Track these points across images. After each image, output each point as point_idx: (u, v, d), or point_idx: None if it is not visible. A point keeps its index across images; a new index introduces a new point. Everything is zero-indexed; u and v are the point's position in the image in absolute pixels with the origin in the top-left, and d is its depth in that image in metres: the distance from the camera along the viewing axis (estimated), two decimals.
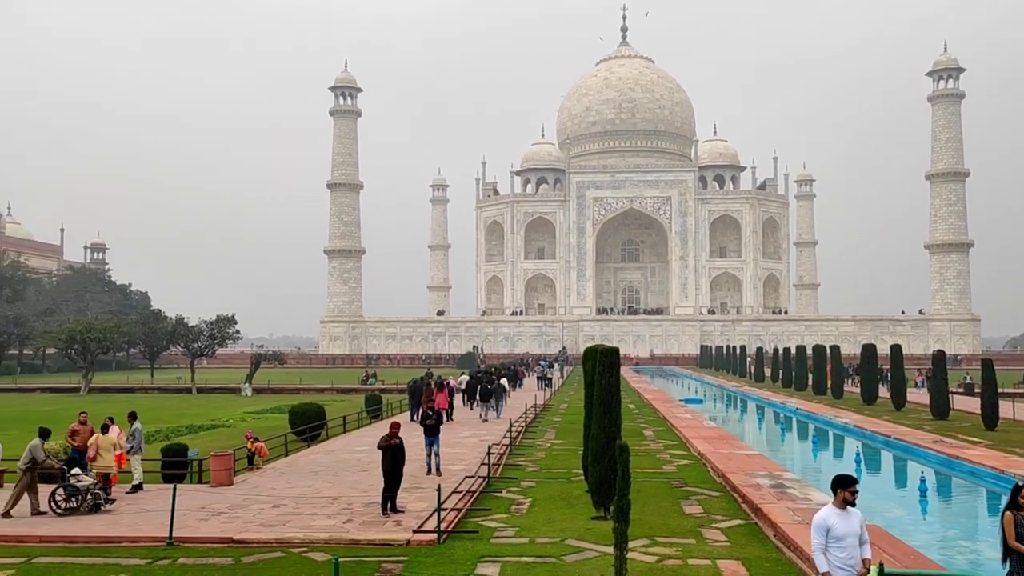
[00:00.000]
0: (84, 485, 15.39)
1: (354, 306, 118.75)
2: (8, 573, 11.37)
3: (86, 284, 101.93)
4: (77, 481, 15.40)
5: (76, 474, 15.56)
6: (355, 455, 22.70)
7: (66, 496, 15.27)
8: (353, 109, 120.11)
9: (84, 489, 15.32)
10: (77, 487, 15.30)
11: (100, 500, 15.48)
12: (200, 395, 52.97)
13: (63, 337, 59.18)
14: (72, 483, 15.34)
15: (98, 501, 15.41)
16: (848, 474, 8.16)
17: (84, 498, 15.29)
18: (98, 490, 15.56)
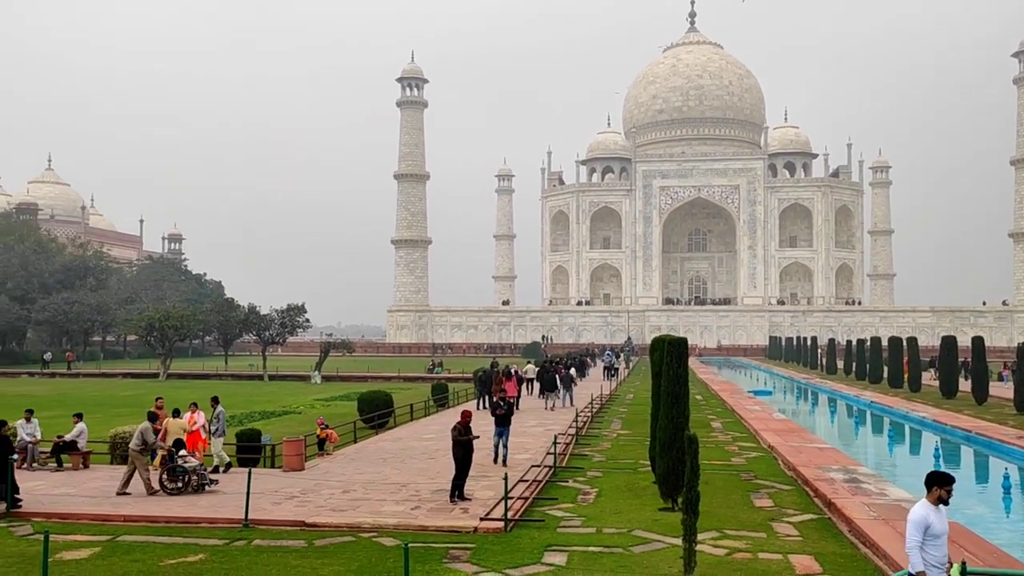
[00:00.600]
0: (191, 466, 15.99)
1: (420, 295, 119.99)
2: (95, 550, 11.85)
3: (164, 273, 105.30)
4: (184, 462, 15.96)
5: (183, 456, 16.17)
6: (422, 443, 22.97)
7: (173, 477, 15.85)
8: (419, 100, 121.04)
9: (191, 470, 15.91)
10: (184, 468, 15.87)
11: (205, 481, 16.05)
12: (271, 382, 54.28)
13: (143, 324, 61.26)
14: (180, 464, 15.90)
15: (203, 481, 15.96)
16: (945, 472, 7.91)
17: (189, 479, 15.84)
18: (203, 470, 16.09)
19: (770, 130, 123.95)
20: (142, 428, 16.34)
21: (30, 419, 19.45)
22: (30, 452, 18.98)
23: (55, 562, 10.60)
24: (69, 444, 19.02)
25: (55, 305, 77.48)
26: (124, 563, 11.12)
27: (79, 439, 19.10)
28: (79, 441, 19.10)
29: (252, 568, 10.87)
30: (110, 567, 10.93)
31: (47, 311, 77.44)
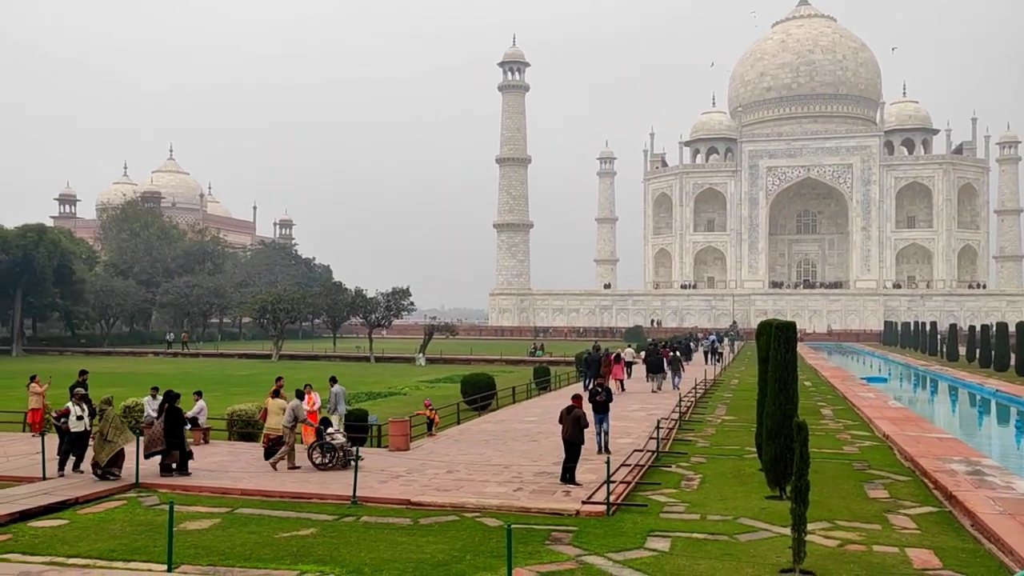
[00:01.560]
0: (339, 443, 16.56)
1: (522, 279, 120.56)
2: (216, 521, 12.44)
3: (276, 258, 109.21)
4: (332, 440, 16.57)
5: (331, 433, 16.77)
6: (524, 425, 23.10)
7: (322, 452, 16.43)
8: (521, 84, 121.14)
9: (339, 447, 16.48)
10: (333, 445, 16.47)
11: (351, 457, 16.40)
12: (377, 364, 55.66)
13: (256, 307, 63.77)
14: (328, 441, 16.51)
15: (349, 458, 16.36)
16: None
17: (336, 455, 16.40)
18: (349, 447, 16.60)
19: (887, 105, 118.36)
20: (293, 405, 16.84)
21: (155, 396, 20.53)
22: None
23: (179, 531, 11.17)
24: (191, 420, 20.00)
25: (177, 288, 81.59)
26: (242, 534, 11.63)
27: (200, 416, 20.05)
28: (200, 418, 20.05)
29: (360, 544, 11.18)
30: (229, 538, 11.45)
31: (170, 294, 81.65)
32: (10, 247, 64.85)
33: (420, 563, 10.30)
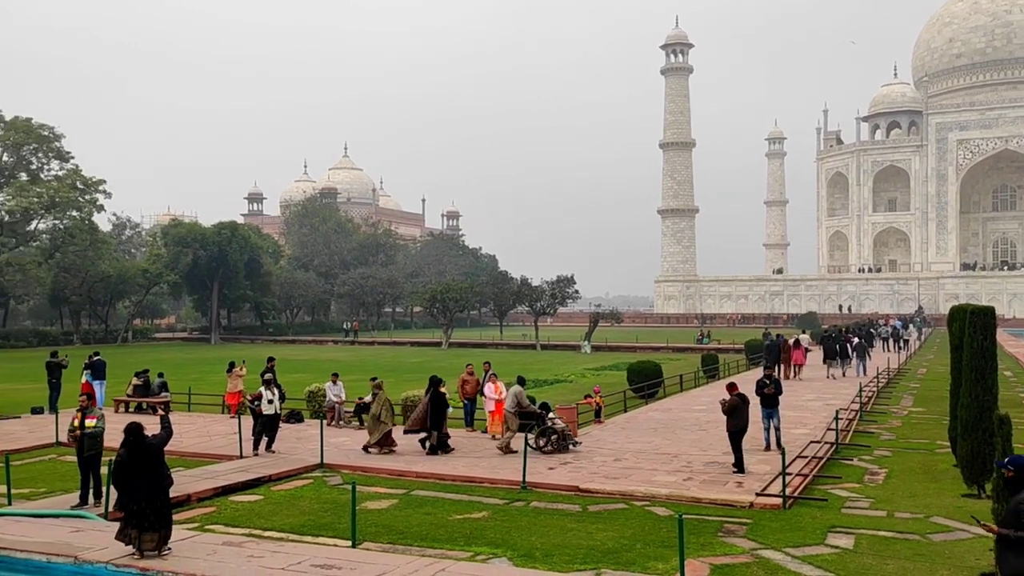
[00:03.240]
0: (559, 428, 16.99)
1: (688, 265, 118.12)
2: (393, 502, 13.00)
3: (444, 249, 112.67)
4: (552, 424, 17.04)
5: (551, 418, 17.23)
6: (693, 414, 22.63)
7: (543, 435, 16.88)
8: (684, 66, 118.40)
9: (559, 431, 16.89)
10: (554, 429, 16.92)
11: (569, 441, 16.92)
12: (543, 351, 56.26)
13: (427, 297, 66.09)
14: (549, 426, 16.99)
15: (567, 442, 16.83)
16: None
17: (552, 439, 16.79)
18: (568, 431, 16.98)
19: None
20: (516, 391, 17.25)
21: (336, 382, 21.71)
22: (337, 411, 21.22)
23: (361, 510, 11.73)
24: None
25: (353, 279, 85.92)
26: (418, 515, 12.08)
27: None
28: None
29: (531, 528, 11.33)
30: (406, 518, 11.93)
31: (347, 285, 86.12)
32: (208, 243, 70.58)
33: (590, 550, 10.31)
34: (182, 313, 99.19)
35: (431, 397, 17.02)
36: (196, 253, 70.13)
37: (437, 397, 17.02)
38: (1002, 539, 6.68)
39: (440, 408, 16.94)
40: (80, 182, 65.73)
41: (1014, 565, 6.55)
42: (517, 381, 18.02)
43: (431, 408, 16.87)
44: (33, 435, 19.40)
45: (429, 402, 16.97)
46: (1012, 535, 6.52)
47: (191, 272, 71.76)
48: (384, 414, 16.90)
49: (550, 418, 17.13)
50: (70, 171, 66.19)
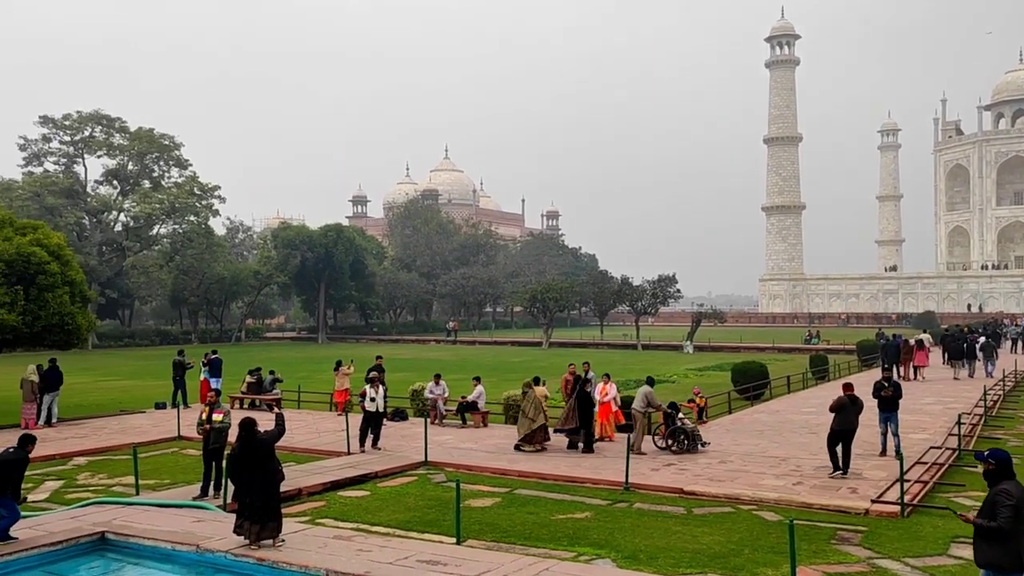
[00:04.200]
0: (689, 428, 16.95)
1: (794, 263, 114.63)
2: (496, 500, 13.09)
3: (543, 248, 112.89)
4: (682, 424, 17.03)
5: (681, 418, 17.22)
6: (802, 416, 21.92)
7: (673, 436, 16.83)
8: (790, 58, 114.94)
9: (688, 431, 16.85)
10: (684, 429, 16.91)
11: (698, 443, 16.79)
12: (644, 351, 55.63)
13: (527, 296, 66.38)
14: (679, 426, 16.98)
15: (695, 443, 16.69)
16: None
17: (682, 439, 16.70)
18: (697, 433, 16.91)
19: None
20: (646, 392, 17.17)
21: (438, 382, 22.03)
22: (439, 410, 21.53)
23: (465, 508, 11.85)
24: (471, 404, 21.23)
25: (454, 280, 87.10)
26: (521, 514, 12.12)
27: (479, 400, 21.22)
28: (479, 402, 21.22)
29: (635, 530, 11.20)
30: (510, 516, 11.99)
31: (448, 285, 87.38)
32: (315, 245, 72.87)
33: (696, 553, 10.11)
34: (291, 313, 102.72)
35: (577, 396, 17.04)
36: (304, 255, 72.52)
37: (584, 396, 17.03)
38: (978, 529, 6.90)
39: (587, 407, 16.96)
40: (197, 188, 68.97)
41: (988, 554, 6.79)
42: (647, 381, 17.87)
43: (578, 407, 16.89)
44: (157, 429, 20.44)
45: (576, 401, 16.99)
46: (986, 525, 6.77)
47: (299, 273, 74.25)
48: (534, 412, 17.06)
49: (680, 418, 16.96)
50: (188, 178, 69.53)
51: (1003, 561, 6.72)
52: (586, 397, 17.11)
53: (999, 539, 6.71)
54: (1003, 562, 6.72)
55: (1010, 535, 6.67)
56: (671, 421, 16.94)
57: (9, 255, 19.83)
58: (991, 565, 6.79)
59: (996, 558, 6.74)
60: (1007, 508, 6.69)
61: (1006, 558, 6.70)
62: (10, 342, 20.84)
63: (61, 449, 17.60)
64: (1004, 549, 6.71)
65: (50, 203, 60.74)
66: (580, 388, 17.18)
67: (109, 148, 66.73)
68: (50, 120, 65.05)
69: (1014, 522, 6.67)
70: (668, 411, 17.17)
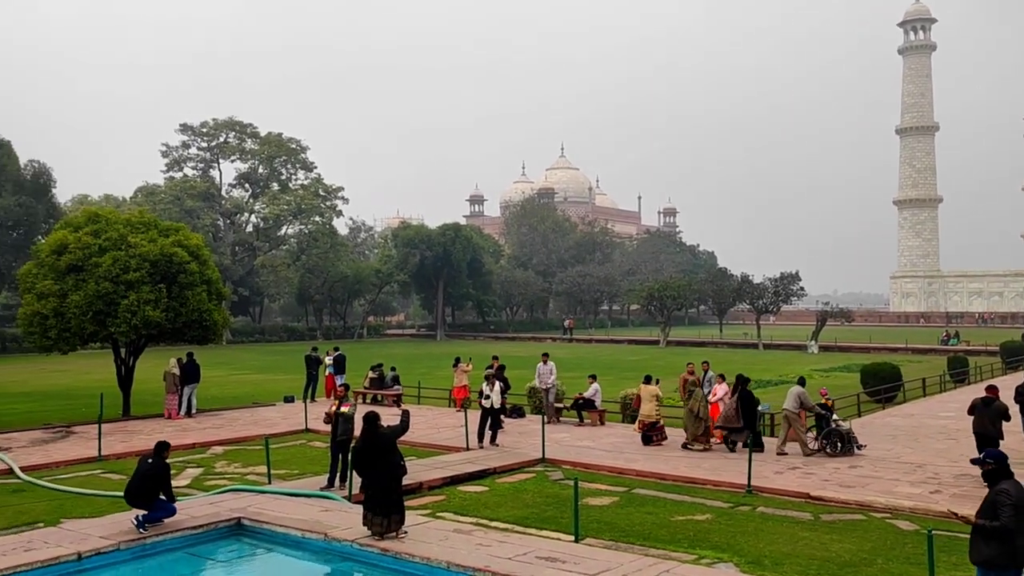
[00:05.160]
0: (844, 429, 16.57)
1: (929, 260, 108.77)
2: (614, 499, 12.99)
3: (660, 246, 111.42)
4: (837, 426, 16.66)
5: (835, 419, 16.88)
6: (939, 421, 20.79)
7: (828, 438, 16.42)
8: (926, 43, 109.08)
9: (844, 433, 16.45)
10: (839, 431, 16.51)
11: (853, 445, 16.28)
12: (765, 351, 54.04)
13: (643, 294, 65.68)
14: (834, 427, 16.61)
15: (850, 445, 16.21)
16: None
17: (836, 441, 16.26)
18: (852, 435, 16.43)
19: None
20: (799, 392, 16.71)
21: (546, 361, 22.04)
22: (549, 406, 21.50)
23: (583, 506, 11.80)
24: (588, 402, 21.16)
25: (570, 278, 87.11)
26: (640, 514, 11.98)
27: (595, 398, 21.12)
28: (595, 400, 21.12)
29: (758, 534, 10.88)
30: (628, 516, 11.87)
31: (564, 283, 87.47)
32: (433, 244, 74.40)
33: (825, 561, 9.72)
34: (410, 311, 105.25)
35: (740, 395, 16.81)
36: (423, 254, 74.15)
37: (746, 395, 16.80)
38: (977, 529, 7.03)
39: (751, 406, 16.72)
40: (322, 190, 71.67)
41: (984, 553, 6.94)
42: (798, 381, 17.34)
43: (741, 406, 16.66)
44: (286, 421, 21.34)
45: (739, 400, 16.79)
46: (987, 525, 6.88)
47: (418, 272, 75.96)
48: (702, 410, 16.97)
49: (834, 420, 16.44)
50: (313, 180, 72.32)
51: (999, 559, 6.87)
52: (748, 396, 16.78)
53: (999, 538, 6.84)
54: (999, 560, 6.87)
55: (1012, 534, 6.81)
56: (825, 423, 16.37)
57: (154, 255, 21.10)
58: (987, 563, 6.94)
59: (993, 556, 6.88)
60: (1008, 508, 6.81)
61: (1002, 556, 6.85)
62: (154, 337, 22.16)
63: (200, 439, 18.61)
64: (1002, 548, 6.85)
65: (189, 206, 64.45)
66: (743, 389, 16.85)
67: (242, 153, 70.21)
68: (189, 128, 68.98)
69: (1016, 521, 6.81)
70: (822, 412, 16.62)
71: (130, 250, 21.06)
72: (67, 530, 10.64)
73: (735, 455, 16.10)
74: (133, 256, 20.91)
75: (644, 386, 18.61)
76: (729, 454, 16.47)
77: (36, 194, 52.63)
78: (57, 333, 20.65)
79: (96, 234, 21.47)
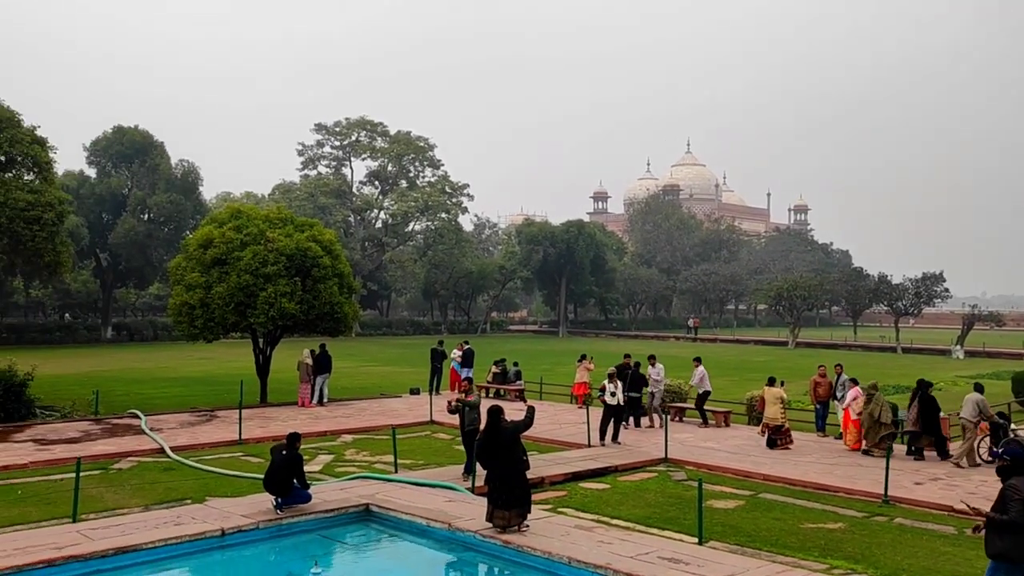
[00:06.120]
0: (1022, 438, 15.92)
1: None
2: (740, 503, 12.67)
3: (790, 244, 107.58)
4: (1016, 435, 15.95)
5: (1014, 429, 16.21)
6: None
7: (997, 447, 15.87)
8: None
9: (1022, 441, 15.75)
10: (1021, 440, 15.76)
11: None
12: (904, 355, 51.38)
13: (772, 294, 63.65)
14: (1012, 437, 15.92)
15: None
16: None
17: None
18: None
19: None
20: (977, 399, 16.00)
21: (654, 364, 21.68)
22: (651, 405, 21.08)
23: (706, 508, 11.57)
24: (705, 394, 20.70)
25: (695, 276, 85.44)
26: (767, 519, 11.62)
27: (702, 381, 20.65)
28: (702, 385, 20.64)
29: (895, 547, 10.36)
30: (754, 520, 11.54)
31: (688, 281, 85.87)
32: (557, 240, 74.56)
33: None
34: (533, 307, 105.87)
35: (920, 399, 16.30)
36: (546, 250, 74.40)
37: (927, 400, 16.28)
38: (990, 521, 7.18)
39: (932, 411, 16.20)
40: (448, 187, 73.06)
41: (998, 546, 7.08)
42: (975, 388, 16.54)
43: (921, 411, 16.16)
44: (412, 413, 21.90)
45: (919, 405, 16.26)
46: (998, 518, 7.05)
47: (541, 268, 76.28)
48: (884, 415, 16.46)
49: (1012, 430, 15.64)
50: (440, 177, 73.81)
51: (1012, 553, 7.00)
52: (930, 401, 16.19)
53: (1010, 531, 6.99)
54: (1012, 553, 7.00)
55: (1021, 528, 6.94)
56: (1003, 432, 15.45)
57: (290, 250, 22.10)
58: (1000, 556, 7.09)
59: (1005, 549, 7.03)
60: (1017, 502, 6.96)
61: (1015, 550, 6.98)
62: (289, 328, 23.21)
63: (331, 427, 19.37)
64: (1014, 541, 6.98)
65: (322, 202, 67.05)
66: (923, 392, 16.23)
67: (372, 151, 72.48)
68: (323, 127, 71.77)
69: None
70: (999, 421, 15.74)
71: (268, 245, 22.12)
72: (212, 508, 11.30)
73: (870, 462, 15.38)
74: (271, 250, 21.96)
75: (768, 388, 18.09)
76: (863, 460, 15.76)
77: (185, 191, 56.00)
78: (203, 323, 21.94)
79: (238, 229, 22.67)
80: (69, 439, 17.26)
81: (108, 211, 55.79)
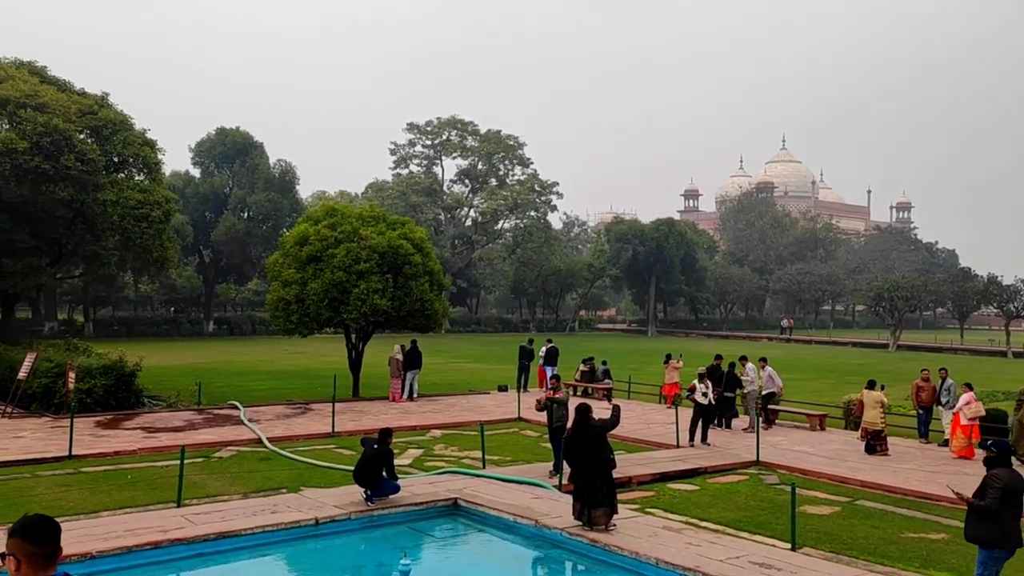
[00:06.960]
0: None
1: None
2: (835, 509, 12.28)
3: (892, 243, 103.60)
4: None
5: None
6: None
7: None
8: None
9: None
10: None
11: None
12: (1016, 359, 48.85)
13: (871, 295, 61.41)
14: None
15: None
16: None
17: None
18: None
19: None
20: None
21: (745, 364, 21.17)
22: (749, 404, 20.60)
23: (800, 513, 11.26)
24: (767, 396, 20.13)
25: (789, 275, 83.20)
26: (864, 527, 11.24)
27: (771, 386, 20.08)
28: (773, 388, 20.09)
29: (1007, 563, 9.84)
30: (851, 528, 11.17)
31: (782, 281, 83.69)
32: (646, 239, 73.84)
33: None
34: (622, 306, 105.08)
35: None
36: (635, 249, 73.75)
37: None
38: (970, 507, 7.66)
39: None
40: (537, 185, 73.22)
41: (976, 530, 7.59)
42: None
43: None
44: (500, 409, 22.06)
45: None
46: (976, 504, 7.53)
47: (630, 267, 75.66)
48: None
49: None
50: (529, 176, 74.04)
51: (986, 537, 7.50)
52: None
53: (987, 517, 7.43)
54: (986, 538, 7.50)
55: (997, 514, 7.40)
56: None
57: (383, 247, 22.55)
58: (976, 539, 7.57)
59: (981, 534, 7.52)
60: (995, 490, 7.42)
61: (989, 535, 7.48)
62: (381, 324, 23.70)
63: (421, 422, 19.69)
64: (989, 526, 7.46)
65: (414, 201, 68.18)
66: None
67: (462, 150, 73.27)
68: (415, 126, 72.95)
69: (1000, 503, 7.43)
70: None
71: (361, 242, 22.62)
72: (306, 497, 11.65)
73: (977, 470, 14.62)
74: (364, 248, 22.45)
75: (867, 391, 17.47)
76: (969, 468, 15.02)
77: (283, 190, 57.87)
78: (298, 318, 22.62)
79: (333, 227, 23.27)
80: (174, 427, 18.08)
81: (211, 209, 58.12)
